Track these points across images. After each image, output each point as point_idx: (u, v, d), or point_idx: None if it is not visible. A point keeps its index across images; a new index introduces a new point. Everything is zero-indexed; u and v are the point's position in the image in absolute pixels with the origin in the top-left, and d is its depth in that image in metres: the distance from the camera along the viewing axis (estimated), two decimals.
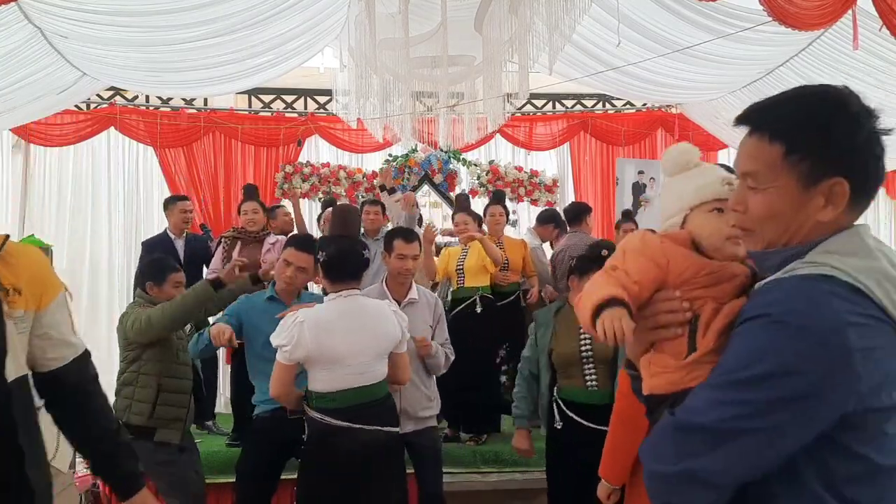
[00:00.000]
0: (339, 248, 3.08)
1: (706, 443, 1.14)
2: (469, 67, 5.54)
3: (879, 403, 1.13)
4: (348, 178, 8.07)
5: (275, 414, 3.43)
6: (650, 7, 5.15)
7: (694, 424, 1.16)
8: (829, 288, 1.13)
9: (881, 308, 1.14)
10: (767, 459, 1.14)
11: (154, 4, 4.63)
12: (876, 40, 4.93)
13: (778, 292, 1.17)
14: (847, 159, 1.20)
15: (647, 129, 8.71)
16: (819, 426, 1.12)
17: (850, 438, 1.14)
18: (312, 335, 2.88)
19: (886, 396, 1.14)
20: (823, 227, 1.21)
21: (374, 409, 3.02)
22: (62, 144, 7.61)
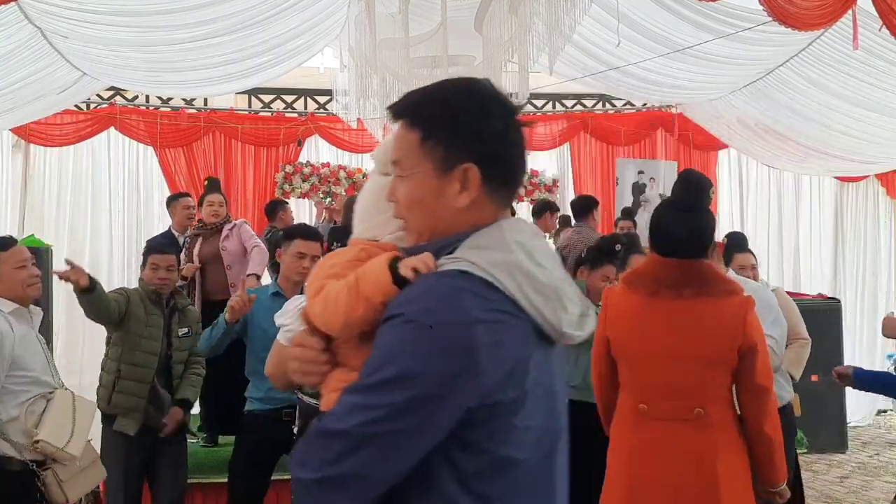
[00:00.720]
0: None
1: (345, 448, 1.13)
2: (469, 67, 5.53)
3: (506, 397, 1.14)
4: (348, 178, 8.07)
5: (268, 413, 3.45)
6: (650, 7, 5.14)
7: (333, 430, 1.15)
8: (462, 284, 1.14)
9: (514, 301, 1.15)
10: (405, 461, 1.14)
11: (154, 4, 4.62)
12: (876, 40, 4.92)
13: (413, 290, 1.16)
14: (476, 145, 1.21)
15: (647, 129, 8.70)
16: (449, 424, 1.13)
17: (479, 434, 1.14)
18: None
19: (512, 390, 1.15)
20: (467, 217, 1.22)
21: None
22: (62, 144, 7.60)
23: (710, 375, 2.38)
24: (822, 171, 8.16)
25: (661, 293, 2.41)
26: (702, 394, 2.38)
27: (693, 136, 8.54)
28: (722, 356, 2.37)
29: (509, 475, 1.18)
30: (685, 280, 2.39)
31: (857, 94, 5.90)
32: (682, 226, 2.41)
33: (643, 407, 2.42)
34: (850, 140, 6.72)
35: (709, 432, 2.36)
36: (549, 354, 1.24)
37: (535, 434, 1.20)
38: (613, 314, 2.55)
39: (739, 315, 2.37)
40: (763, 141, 7.45)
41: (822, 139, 6.86)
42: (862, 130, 6.49)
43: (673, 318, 2.39)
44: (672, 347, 2.37)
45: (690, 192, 2.48)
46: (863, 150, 6.99)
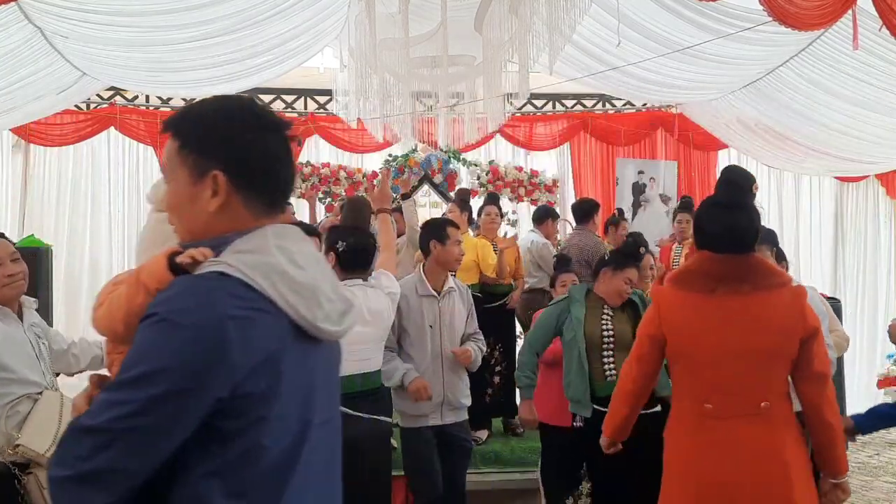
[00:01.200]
0: (358, 241, 3.16)
1: (98, 444, 1.17)
2: (469, 67, 5.54)
3: (257, 388, 1.22)
4: (348, 178, 8.07)
5: None
6: (650, 7, 5.14)
7: (86, 427, 1.18)
8: (218, 284, 1.22)
9: (270, 300, 1.24)
10: (158, 454, 1.20)
11: (154, 4, 4.62)
12: (876, 40, 4.92)
13: (170, 291, 1.25)
14: (224, 154, 1.31)
15: (647, 129, 8.70)
16: (201, 415, 1.19)
17: (231, 424, 1.21)
18: None
19: (264, 381, 1.23)
20: (220, 221, 1.31)
21: (371, 397, 3.10)
22: (62, 144, 7.61)
23: (773, 369, 2.41)
24: (822, 171, 8.16)
25: (718, 291, 2.42)
26: (766, 388, 2.41)
27: (693, 136, 8.54)
28: (784, 348, 2.41)
29: (261, 463, 1.25)
30: (742, 275, 2.41)
31: (857, 94, 5.90)
32: (729, 222, 2.44)
33: (708, 406, 2.41)
34: (850, 140, 6.72)
35: (775, 426, 2.40)
36: (309, 350, 1.33)
37: (289, 424, 1.28)
38: (670, 314, 2.52)
39: (797, 305, 2.43)
40: (763, 141, 7.45)
41: (822, 139, 6.86)
42: (862, 130, 6.49)
43: (733, 316, 2.40)
44: (735, 344, 2.39)
45: (733, 188, 2.49)
46: (863, 150, 6.99)
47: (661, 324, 2.52)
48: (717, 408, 2.40)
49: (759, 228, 2.49)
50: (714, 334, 2.41)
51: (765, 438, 2.38)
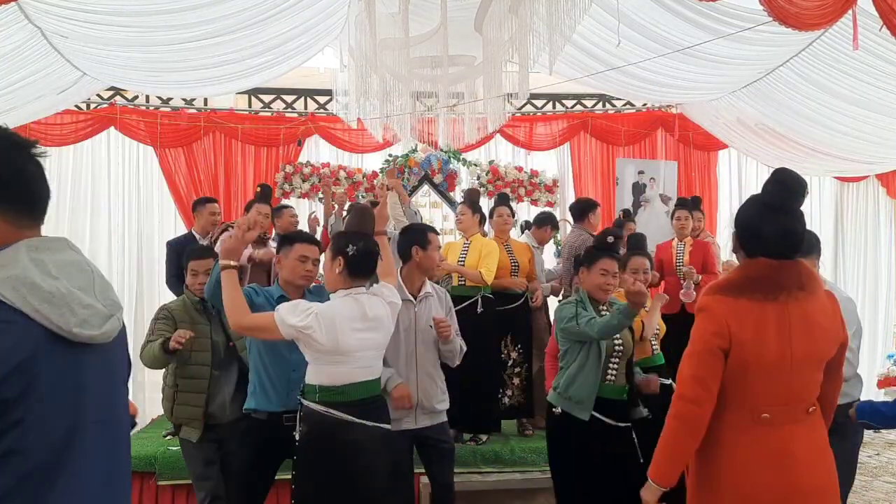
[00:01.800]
0: (368, 245, 3.15)
1: None
2: (469, 67, 5.54)
3: (12, 394, 1.30)
4: (348, 178, 8.07)
5: (271, 417, 3.46)
6: (650, 7, 5.14)
7: None
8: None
9: (19, 311, 1.33)
10: None
11: (154, 4, 4.62)
12: (876, 40, 4.92)
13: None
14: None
15: (647, 129, 8.70)
16: None
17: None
18: (328, 331, 2.92)
19: (18, 387, 1.31)
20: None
21: (374, 404, 3.10)
22: (62, 144, 7.61)
23: (819, 373, 2.46)
24: (822, 171, 8.16)
25: (780, 297, 2.40)
26: (814, 392, 2.46)
27: (693, 136, 8.54)
28: (830, 352, 2.46)
29: (20, 468, 1.31)
30: (799, 281, 2.42)
31: (857, 94, 5.89)
32: (793, 227, 2.43)
33: (766, 416, 2.38)
34: (850, 140, 6.72)
35: (819, 427, 2.46)
36: (78, 354, 1.42)
37: (52, 426, 1.36)
38: (735, 323, 2.39)
39: (836, 310, 2.48)
40: (763, 141, 7.45)
41: (822, 139, 6.86)
42: (862, 130, 6.49)
43: (795, 322, 2.39)
44: (799, 350, 2.39)
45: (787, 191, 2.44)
46: (863, 150, 6.99)
47: (730, 334, 2.39)
48: (773, 416, 2.38)
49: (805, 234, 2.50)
50: (780, 342, 2.37)
51: (814, 441, 2.44)
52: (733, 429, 2.43)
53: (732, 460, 2.42)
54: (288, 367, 3.47)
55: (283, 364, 3.47)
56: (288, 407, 3.46)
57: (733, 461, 2.42)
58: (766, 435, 2.39)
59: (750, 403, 2.40)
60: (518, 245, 5.68)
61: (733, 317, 2.40)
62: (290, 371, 3.47)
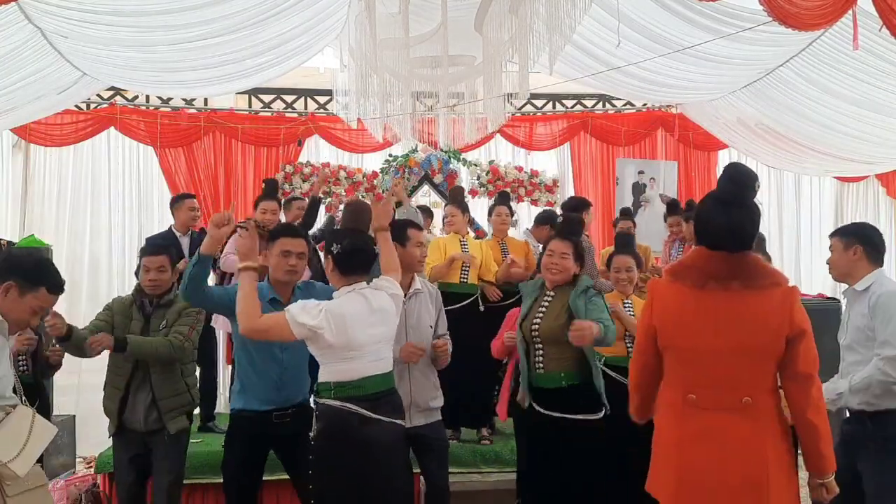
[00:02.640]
0: (354, 242, 3.12)
1: None
2: (469, 67, 5.54)
3: None
4: (348, 178, 8.07)
5: (259, 415, 3.44)
6: (650, 7, 5.14)
7: None
8: None
9: None
10: None
11: (154, 4, 4.62)
12: (876, 40, 4.92)
13: None
14: None
15: (647, 129, 8.70)
16: None
17: None
18: (338, 328, 2.92)
19: None
20: None
21: (390, 398, 3.10)
22: (62, 144, 7.61)
23: (758, 366, 2.45)
24: (822, 171, 8.16)
25: (708, 286, 2.46)
26: (749, 384, 2.45)
27: (693, 136, 8.54)
28: (769, 347, 2.44)
29: None
30: (732, 273, 2.45)
31: (857, 94, 5.90)
32: (728, 219, 2.45)
33: (692, 397, 2.47)
34: (850, 140, 6.72)
35: (757, 421, 2.43)
36: None
37: None
38: (660, 306, 2.57)
39: (786, 305, 2.45)
40: (763, 141, 7.45)
41: (822, 139, 6.86)
42: (862, 130, 6.49)
43: (721, 312, 2.44)
44: (720, 340, 2.43)
45: (735, 186, 2.50)
46: (863, 150, 6.99)
47: (653, 314, 2.57)
48: (700, 399, 2.46)
49: (757, 228, 2.50)
50: (699, 328, 2.46)
51: (745, 433, 2.42)
52: (667, 405, 2.57)
53: (663, 434, 2.56)
54: (279, 367, 3.46)
55: (274, 363, 3.45)
56: (277, 405, 3.45)
57: (664, 435, 2.56)
58: (694, 417, 2.47)
59: (679, 383, 2.53)
60: (514, 243, 5.67)
61: (660, 298, 2.58)
62: (282, 370, 3.46)
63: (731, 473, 2.41)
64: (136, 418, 3.73)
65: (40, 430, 2.79)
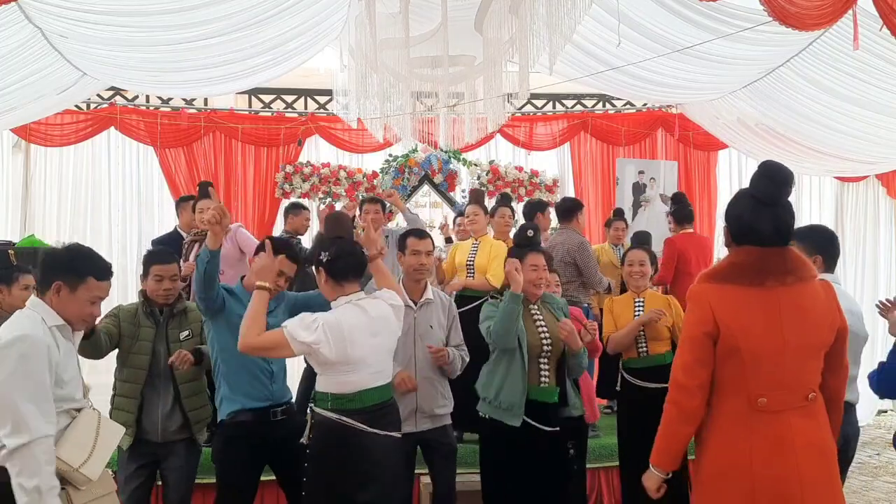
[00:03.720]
0: (341, 247, 3.09)
1: None
2: (469, 67, 5.54)
3: None
4: (348, 178, 8.07)
5: (256, 415, 3.41)
6: (650, 7, 5.14)
7: None
8: None
9: None
10: None
11: (154, 4, 4.61)
12: (876, 40, 4.92)
13: None
14: None
15: (647, 129, 8.71)
16: None
17: None
18: (336, 343, 2.89)
19: None
20: None
21: (387, 410, 3.07)
22: (62, 144, 7.62)
23: (817, 360, 2.45)
24: (821, 171, 8.15)
25: (767, 283, 2.42)
26: (813, 379, 2.46)
27: (693, 136, 8.54)
28: (826, 339, 2.45)
29: None
30: (788, 267, 2.45)
31: (857, 94, 5.89)
32: (781, 218, 2.47)
33: (763, 401, 2.39)
34: (850, 140, 6.72)
35: (819, 416, 2.45)
36: None
37: None
38: (723, 310, 2.43)
39: (832, 297, 2.48)
40: (763, 141, 7.44)
41: (822, 139, 6.85)
42: (862, 130, 6.48)
43: (786, 307, 2.42)
44: (791, 336, 2.40)
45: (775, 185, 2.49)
46: (863, 150, 6.99)
47: (716, 320, 2.43)
48: (771, 402, 2.40)
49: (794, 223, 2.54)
50: (770, 327, 2.40)
51: (814, 430, 2.44)
52: (731, 417, 2.46)
53: (733, 449, 2.44)
54: (267, 360, 3.44)
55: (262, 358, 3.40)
56: (273, 401, 3.44)
57: (734, 450, 2.44)
58: (765, 422, 2.40)
59: (745, 390, 2.42)
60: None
61: (719, 303, 2.45)
62: (269, 363, 3.45)
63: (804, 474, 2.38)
64: (152, 427, 3.68)
65: (108, 432, 2.76)
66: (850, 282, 8.53)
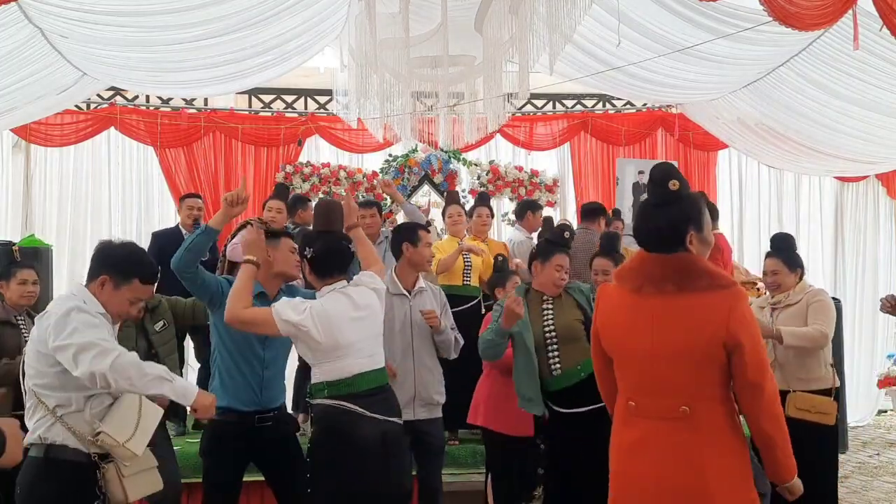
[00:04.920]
0: (327, 244, 3.11)
1: None
2: (469, 67, 5.54)
3: None
4: (348, 178, 8.07)
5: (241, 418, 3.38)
6: (650, 7, 5.14)
7: None
8: None
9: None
10: None
11: (154, 4, 4.62)
12: (876, 40, 4.92)
13: None
14: None
15: (647, 129, 8.70)
16: None
17: None
18: (324, 328, 2.91)
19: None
20: None
21: (384, 395, 3.09)
22: (63, 144, 7.61)
23: (699, 373, 2.32)
24: (821, 171, 8.16)
25: (644, 289, 2.40)
26: (689, 392, 2.33)
27: (693, 136, 8.54)
28: (706, 353, 2.30)
29: None
30: (666, 275, 2.37)
31: (857, 94, 5.89)
32: (652, 220, 2.43)
33: (632, 404, 2.43)
34: (850, 140, 6.72)
35: (697, 432, 2.31)
36: None
37: None
38: (603, 310, 2.56)
39: (723, 309, 2.29)
40: (763, 141, 7.44)
41: (822, 139, 6.86)
42: (862, 130, 6.49)
43: (656, 315, 2.36)
44: (656, 345, 2.35)
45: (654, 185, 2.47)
46: (863, 150, 6.99)
47: (597, 320, 2.59)
48: (639, 407, 2.41)
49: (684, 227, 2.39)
50: (636, 333, 2.40)
51: (683, 444, 2.31)
52: (618, 413, 2.55)
53: (614, 443, 2.53)
54: (260, 365, 3.41)
55: (255, 360, 3.40)
56: (260, 407, 3.40)
57: (612, 446, 2.53)
58: (635, 424, 2.43)
59: (623, 391, 2.50)
60: (494, 245, 5.80)
61: (604, 303, 2.58)
62: (263, 369, 3.41)
63: (666, 486, 2.32)
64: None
65: (149, 411, 2.81)
66: (849, 281, 8.54)
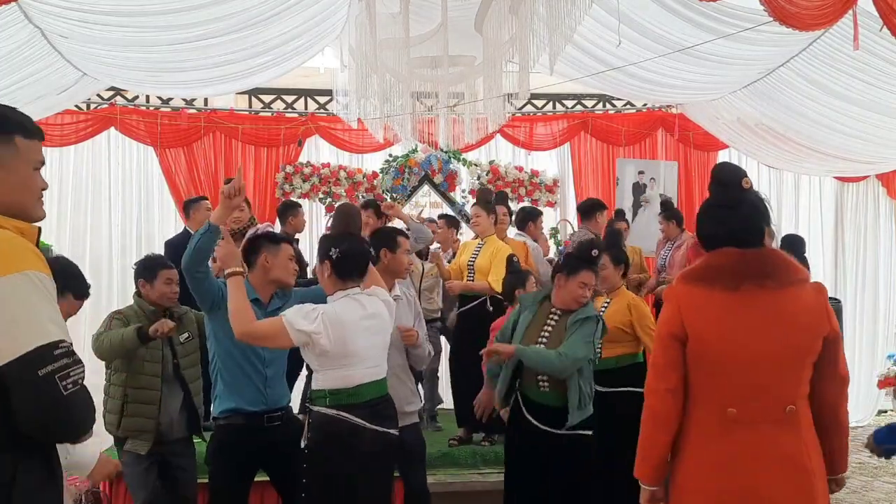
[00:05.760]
0: (352, 246, 3.10)
1: None
2: (469, 67, 5.54)
3: None
4: (348, 178, 8.07)
5: (249, 420, 3.38)
6: (650, 7, 5.14)
7: None
8: None
9: None
10: None
11: (154, 4, 4.62)
12: (876, 40, 4.92)
13: None
14: None
15: (647, 129, 8.70)
16: None
17: None
18: (335, 334, 2.90)
19: None
20: None
21: (385, 405, 3.08)
22: (62, 145, 7.60)
23: (799, 371, 2.29)
24: (821, 172, 8.16)
25: (743, 287, 2.27)
26: (793, 390, 2.30)
27: (693, 136, 8.53)
28: (811, 348, 2.29)
29: None
30: (766, 270, 2.29)
31: (857, 94, 5.89)
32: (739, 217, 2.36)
33: (732, 411, 2.26)
34: (851, 140, 6.72)
35: (800, 431, 2.29)
36: None
37: None
38: (692, 313, 2.33)
39: (821, 302, 2.32)
40: (763, 141, 7.45)
41: (822, 139, 6.86)
42: (862, 130, 6.49)
43: (762, 313, 2.27)
44: (765, 343, 2.26)
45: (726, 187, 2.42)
46: (863, 150, 6.99)
47: (684, 323, 2.33)
48: (741, 413, 2.26)
49: (762, 221, 2.39)
50: (742, 334, 2.27)
51: (791, 445, 2.28)
52: (701, 427, 2.35)
53: (699, 457, 2.34)
54: (261, 363, 3.41)
55: (255, 359, 3.39)
56: (267, 406, 3.40)
57: (700, 458, 2.34)
58: (735, 433, 2.28)
59: (716, 399, 2.31)
60: (514, 244, 5.70)
61: (688, 305, 2.35)
62: (265, 367, 3.41)
63: (776, 490, 2.25)
64: (166, 429, 3.81)
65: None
66: (849, 281, 8.53)
